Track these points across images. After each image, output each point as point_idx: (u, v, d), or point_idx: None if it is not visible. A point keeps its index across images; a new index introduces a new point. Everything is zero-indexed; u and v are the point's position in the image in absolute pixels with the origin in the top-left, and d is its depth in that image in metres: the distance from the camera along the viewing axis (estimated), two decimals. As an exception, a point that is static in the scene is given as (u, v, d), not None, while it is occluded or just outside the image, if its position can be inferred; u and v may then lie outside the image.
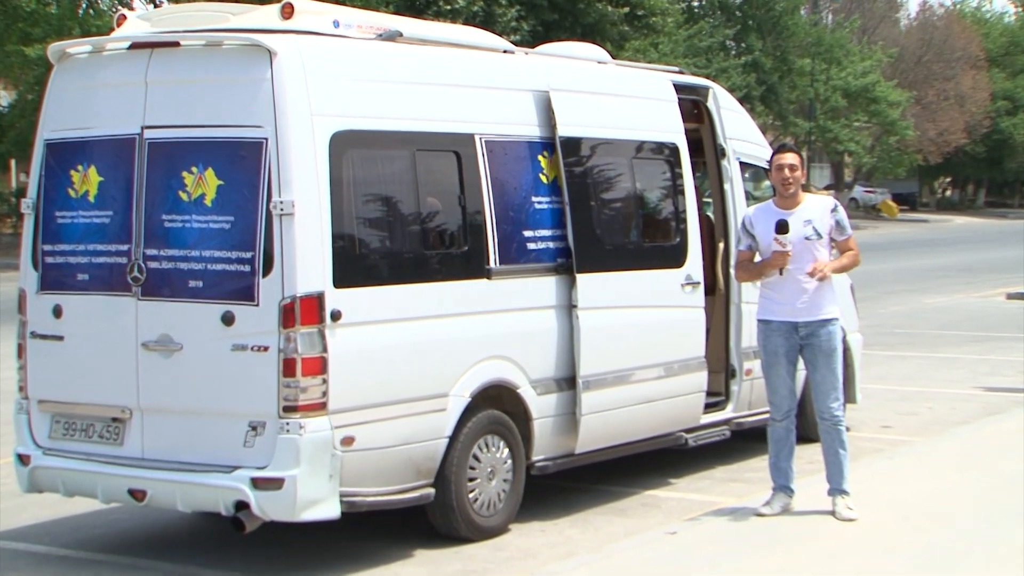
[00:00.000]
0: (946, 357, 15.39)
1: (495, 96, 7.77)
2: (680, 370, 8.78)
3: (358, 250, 6.84)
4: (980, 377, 13.72)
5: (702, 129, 9.62)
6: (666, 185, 9.00)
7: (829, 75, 50.01)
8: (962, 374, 13.99)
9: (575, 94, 8.25)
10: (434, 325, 7.15)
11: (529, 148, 7.91)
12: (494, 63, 7.96)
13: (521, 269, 7.71)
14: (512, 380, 7.61)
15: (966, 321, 19.17)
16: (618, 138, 8.56)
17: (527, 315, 7.74)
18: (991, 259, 32.36)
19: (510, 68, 8.03)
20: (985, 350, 15.96)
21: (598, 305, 8.08)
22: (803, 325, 7.47)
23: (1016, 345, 16.29)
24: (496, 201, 7.58)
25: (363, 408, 6.76)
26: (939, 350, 15.99)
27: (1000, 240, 41.78)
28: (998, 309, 20.83)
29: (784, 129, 49.77)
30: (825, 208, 7.52)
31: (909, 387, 13.15)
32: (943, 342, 16.74)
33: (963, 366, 14.64)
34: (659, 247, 8.89)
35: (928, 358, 15.32)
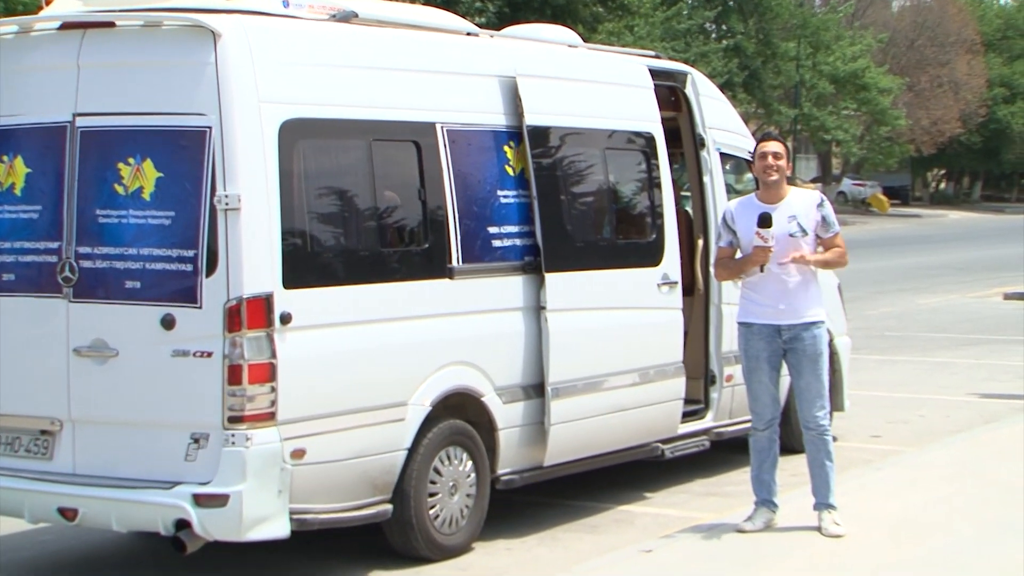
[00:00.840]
0: (939, 361, 15.50)
1: (457, 82, 7.76)
2: (656, 376, 8.81)
3: (310, 248, 6.82)
4: (975, 383, 13.83)
5: (680, 118, 9.65)
6: (641, 178, 9.02)
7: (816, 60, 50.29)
8: (956, 380, 14.10)
9: (544, 80, 8.25)
10: (391, 328, 7.14)
11: (494, 138, 7.91)
12: (457, 47, 7.95)
13: (486, 268, 7.71)
14: (476, 387, 7.61)
15: (961, 323, 19.32)
16: (590, 127, 8.58)
17: (492, 317, 7.74)
18: (987, 257, 32.64)
19: (474, 52, 8.02)
20: (981, 354, 16.09)
21: (568, 307, 8.09)
22: (786, 328, 7.50)
23: (1014, 348, 16.43)
24: (459, 195, 7.57)
25: (315, 418, 6.74)
26: (932, 354, 16.11)
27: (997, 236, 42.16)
28: (995, 310, 21.01)
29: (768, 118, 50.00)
30: (811, 203, 7.56)
31: (900, 394, 13.24)
32: (936, 345, 16.86)
33: (957, 371, 14.76)
34: (634, 244, 8.90)
35: (920, 363, 15.43)
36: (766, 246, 7.36)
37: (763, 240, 7.35)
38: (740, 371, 7.81)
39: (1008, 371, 14.60)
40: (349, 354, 6.92)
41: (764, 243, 7.35)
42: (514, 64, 8.08)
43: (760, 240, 7.36)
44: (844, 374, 10.55)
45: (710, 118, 9.63)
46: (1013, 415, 11.56)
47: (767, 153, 7.50)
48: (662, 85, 9.33)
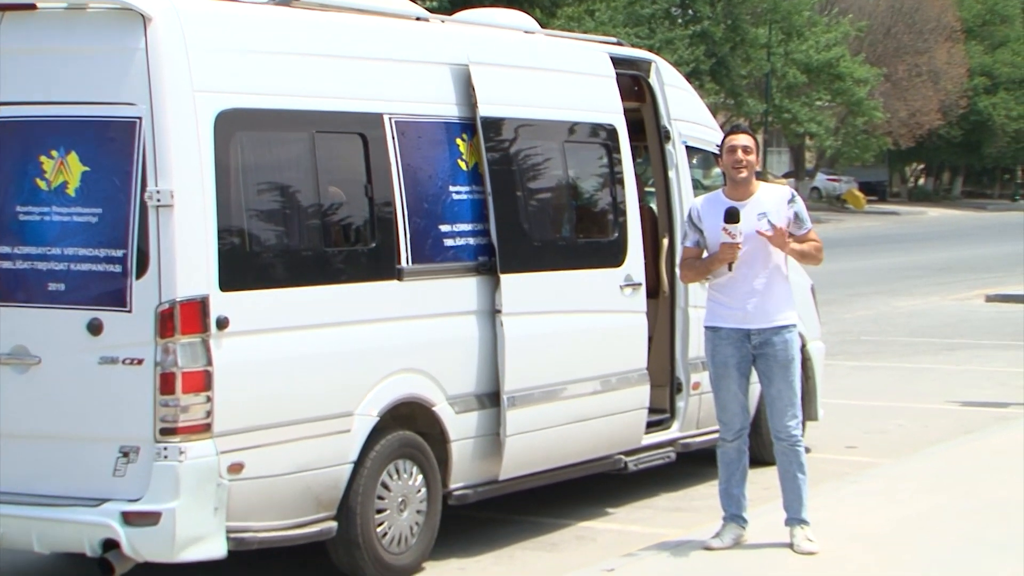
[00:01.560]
0: (918, 368, 15.64)
1: (406, 70, 7.77)
2: (619, 384, 8.84)
3: (248, 248, 6.80)
4: (956, 390, 13.95)
5: (643, 109, 9.69)
6: (603, 172, 9.06)
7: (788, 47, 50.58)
8: (936, 387, 14.23)
9: (498, 68, 8.27)
10: (336, 334, 7.13)
11: (446, 130, 7.91)
12: (405, 32, 7.95)
13: (437, 269, 7.71)
14: (427, 396, 7.61)
15: (941, 327, 19.50)
16: (548, 119, 8.60)
17: (444, 321, 7.74)
18: (969, 256, 32.95)
19: (424, 38, 8.02)
20: (962, 359, 16.25)
21: (525, 310, 8.10)
22: (756, 332, 7.55)
23: (996, 354, 16.59)
24: (408, 191, 7.58)
25: (254, 430, 6.72)
26: (910, 360, 16.24)
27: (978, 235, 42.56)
28: (976, 313, 21.21)
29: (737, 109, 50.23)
30: (781, 198, 7.60)
31: (877, 402, 13.35)
32: (914, 351, 17.01)
33: (937, 378, 14.89)
34: (595, 244, 8.93)
35: (898, 369, 15.56)
36: (734, 243, 7.38)
37: (730, 236, 7.38)
38: (708, 378, 7.85)
39: (990, 377, 14.74)
40: (290, 361, 6.90)
41: (731, 239, 7.38)
42: (467, 51, 8.08)
43: (727, 236, 7.38)
44: (818, 381, 10.62)
45: (676, 109, 9.68)
46: (995, 425, 11.66)
47: (736, 147, 7.54)
48: (625, 74, 9.36)
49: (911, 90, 58.02)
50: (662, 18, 45.71)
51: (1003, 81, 65.33)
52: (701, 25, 46.81)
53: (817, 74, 51.21)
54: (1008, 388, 13.91)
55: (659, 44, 42.92)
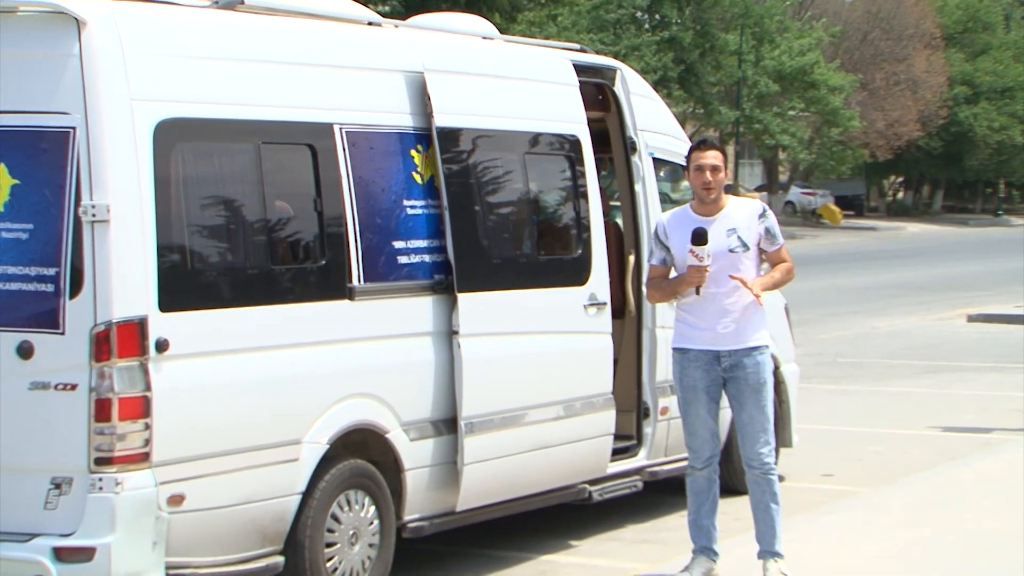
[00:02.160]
0: (898, 391, 15.74)
1: (358, 78, 7.78)
2: (583, 409, 8.86)
3: (190, 265, 6.79)
4: (937, 415, 14.05)
5: (608, 119, 9.74)
6: (565, 186, 9.09)
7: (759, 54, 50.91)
8: (916, 412, 14.32)
9: (455, 76, 8.30)
10: (283, 357, 7.12)
11: (400, 141, 7.93)
12: (357, 38, 7.97)
13: (390, 288, 7.72)
14: (379, 423, 7.61)
15: (921, 348, 19.64)
16: (507, 129, 8.63)
17: (398, 343, 7.75)
18: (950, 274, 33.21)
19: (376, 44, 8.04)
20: (943, 383, 16.36)
21: (484, 331, 8.12)
22: (726, 354, 7.58)
23: (979, 377, 16.72)
24: (360, 205, 7.58)
25: (195, 459, 6.70)
26: (889, 383, 16.34)
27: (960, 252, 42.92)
28: (958, 334, 21.38)
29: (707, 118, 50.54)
30: (752, 213, 7.65)
31: (854, 428, 13.42)
32: (894, 373, 17.12)
33: (917, 402, 14.98)
34: (557, 261, 8.96)
35: (876, 393, 15.66)
36: (701, 266, 7.43)
37: (698, 259, 7.41)
38: (676, 403, 7.88)
39: (973, 402, 14.85)
40: (234, 386, 6.89)
41: (699, 263, 7.42)
42: (422, 58, 8.11)
43: (694, 259, 7.42)
44: (792, 406, 10.68)
45: (642, 119, 9.73)
46: (978, 451, 11.74)
47: (704, 167, 7.57)
48: (588, 82, 9.41)
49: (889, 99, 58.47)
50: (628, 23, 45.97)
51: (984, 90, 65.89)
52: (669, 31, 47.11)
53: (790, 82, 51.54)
54: (992, 413, 14.02)
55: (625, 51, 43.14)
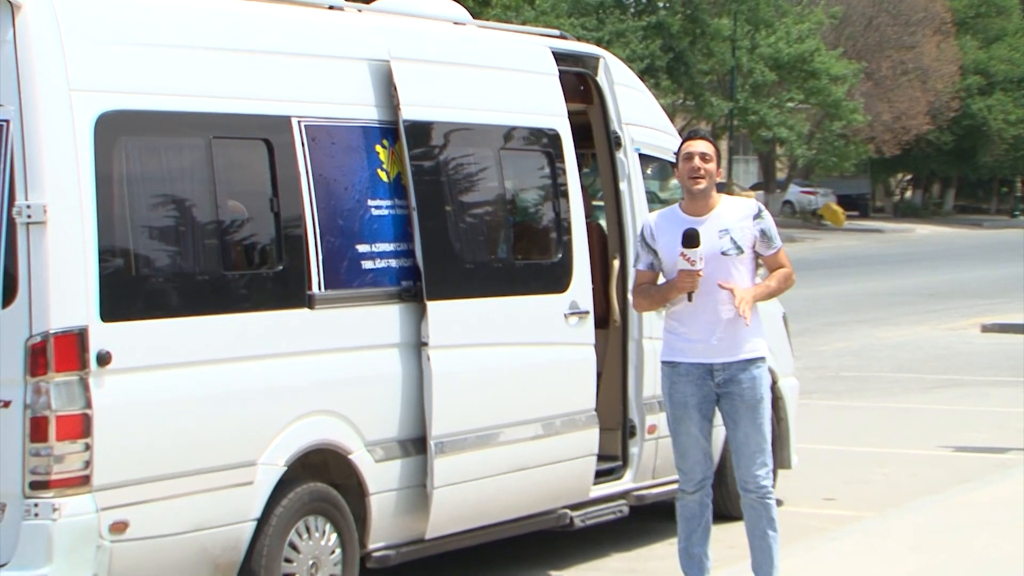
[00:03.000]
0: (906, 408, 15.79)
1: (318, 67, 7.79)
2: (563, 427, 8.88)
3: (135, 271, 6.79)
4: (948, 433, 14.10)
5: (590, 111, 9.77)
6: (544, 184, 9.11)
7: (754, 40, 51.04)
8: (926, 430, 14.37)
9: (424, 64, 8.32)
10: (237, 370, 7.13)
11: (364, 135, 7.95)
12: (316, 23, 7.98)
13: (353, 295, 7.73)
14: (342, 442, 7.62)
15: (931, 361, 19.71)
16: (481, 123, 8.65)
17: (361, 356, 7.76)
18: (962, 280, 33.34)
19: (338, 30, 8.06)
20: (954, 398, 16.42)
21: (455, 342, 8.14)
22: (720, 368, 7.61)
23: (993, 391, 16.78)
24: (320, 205, 7.59)
25: (140, 483, 6.69)
26: (897, 399, 16.40)
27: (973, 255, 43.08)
28: (971, 345, 21.45)
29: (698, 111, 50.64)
30: (746, 213, 7.68)
31: (859, 447, 13.47)
32: (901, 388, 17.17)
33: (927, 419, 15.03)
34: (535, 266, 8.98)
35: (883, 409, 15.71)
36: (693, 270, 7.44)
37: (690, 263, 7.42)
38: (665, 421, 7.91)
39: (986, 419, 14.90)
40: (183, 402, 6.89)
41: (691, 267, 7.43)
42: (387, 45, 8.12)
43: (686, 263, 7.43)
44: (791, 424, 10.71)
45: (627, 112, 9.76)
46: (992, 473, 11.79)
47: (693, 154, 7.61)
48: (569, 71, 9.44)
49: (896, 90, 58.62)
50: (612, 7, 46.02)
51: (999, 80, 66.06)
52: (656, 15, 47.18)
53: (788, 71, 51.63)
54: (1007, 431, 14.08)
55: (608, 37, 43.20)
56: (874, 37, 58.99)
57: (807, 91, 52.23)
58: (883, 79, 58.38)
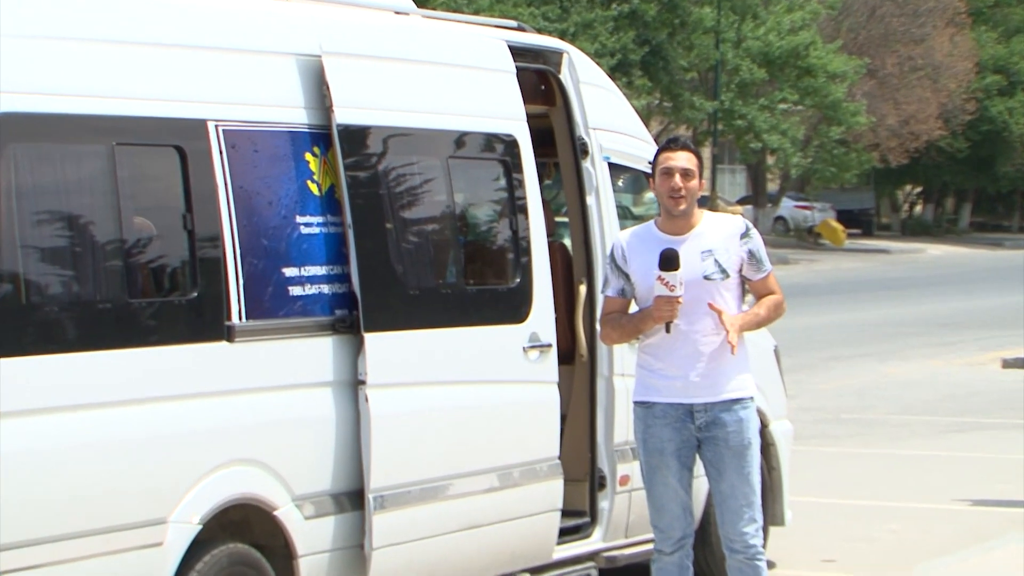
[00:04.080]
0: (916, 455, 15.81)
1: (239, 63, 7.79)
2: (523, 479, 8.89)
3: (23, 299, 6.77)
4: (964, 485, 14.13)
5: (553, 114, 9.79)
6: (500, 198, 9.13)
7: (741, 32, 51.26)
8: (939, 480, 14.40)
9: (361, 60, 8.33)
10: (143, 414, 7.11)
11: (292, 142, 7.95)
12: (237, 13, 7.97)
13: (279, 326, 7.73)
14: (266, 497, 7.60)
15: (945, 400, 19.77)
16: (427, 127, 8.66)
17: (289, 396, 7.76)
18: (980, 308, 33.43)
19: (262, 21, 8.05)
20: (972, 444, 16.45)
21: (397, 380, 8.14)
22: (701, 409, 7.63)
23: (1016, 436, 16.77)
24: (241, 223, 7.59)
25: (28, 545, 6.65)
26: (905, 444, 16.43)
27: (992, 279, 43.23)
28: (990, 383, 21.51)
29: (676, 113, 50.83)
30: (732, 232, 7.71)
31: (862, 500, 13.49)
32: (911, 432, 17.21)
33: (940, 469, 15.06)
34: (490, 292, 9.00)
35: (889, 457, 15.73)
36: (672, 296, 7.46)
37: (668, 288, 7.44)
38: (639, 470, 7.92)
39: (1009, 468, 14.90)
40: (80, 451, 6.86)
41: (670, 292, 7.45)
42: (319, 38, 8.13)
43: (664, 288, 7.45)
44: (784, 473, 10.72)
45: (595, 115, 9.79)
46: (1014, 530, 11.80)
47: (672, 169, 7.62)
48: (528, 68, 9.46)
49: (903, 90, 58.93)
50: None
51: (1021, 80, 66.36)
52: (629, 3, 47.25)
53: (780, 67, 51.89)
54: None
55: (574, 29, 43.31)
56: (878, 29, 59.30)
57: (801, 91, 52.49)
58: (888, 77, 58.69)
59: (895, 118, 58.16)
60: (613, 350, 9.45)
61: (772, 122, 51.71)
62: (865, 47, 57.72)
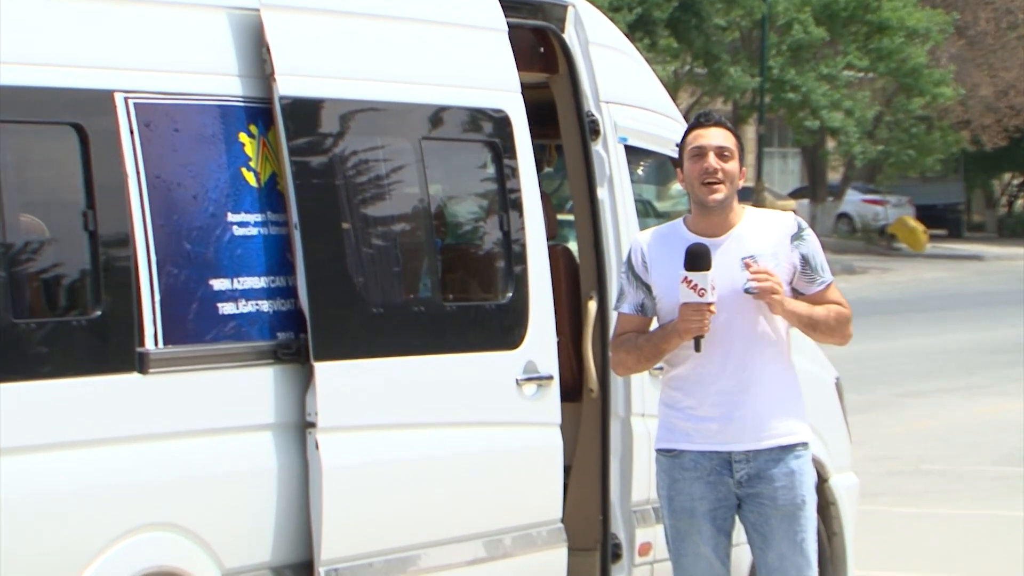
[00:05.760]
0: (1018, 517, 15.78)
1: (154, 18, 7.79)
2: (516, 547, 8.90)
3: None
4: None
5: (554, 84, 9.79)
6: (487, 190, 9.16)
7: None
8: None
9: (310, 16, 8.35)
10: (31, 465, 7.11)
11: (222, 119, 7.96)
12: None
13: (205, 354, 7.74)
14: (188, 571, 7.61)
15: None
16: (394, 100, 8.67)
17: (217, 443, 7.77)
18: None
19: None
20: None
21: (356, 423, 8.15)
22: (742, 458, 7.63)
23: None
24: (158, 222, 7.59)
25: None
26: (1004, 503, 16.39)
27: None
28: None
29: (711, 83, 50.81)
30: (781, 233, 7.72)
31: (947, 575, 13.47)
32: (1010, 488, 17.16)
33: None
34: (475, 310, 9.02)
35: (984, 519, 15.71)
36: (702, 303, 7.46)
37: (696, 292, 7.44)
38: (664, 536, 7.92)
39: None
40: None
41: (699, 297, 7.46)
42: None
43: (691, 292, 7.45)
44: (848, 541, 10.72)
45: (609, 85, 9.79)
46: None
47: (705, 148, 7.62)
48: (524, 26, 9.47)
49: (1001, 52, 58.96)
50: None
51: None
52: (652, -57, 47.30)
53: (844, 23, 51.87)
54: None
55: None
56: (969, -23, 59.36)
57: (872, 54, 52.43)
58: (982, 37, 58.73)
59: (990, 88, 58.21)
60: (631, 383, 9.46)
61: (834, 96, 51.60)
62: (952, 0, 57.76)
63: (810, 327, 7.75)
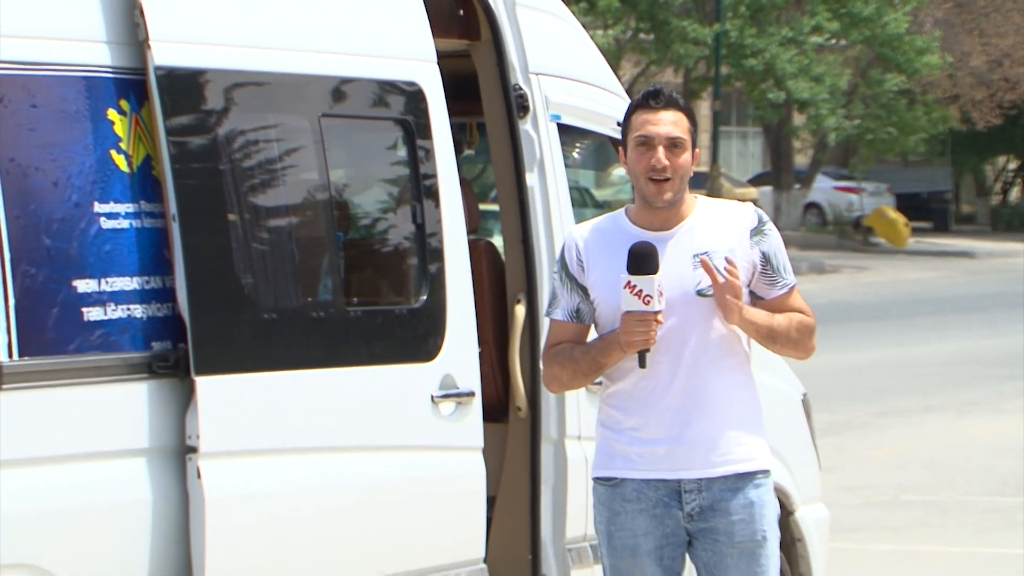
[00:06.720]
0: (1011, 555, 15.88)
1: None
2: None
3: None
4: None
5: (476, 53, 9.82)
6: (397, 176, 9.21)
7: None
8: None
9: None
10: None
11: (87, 93, 7.97)
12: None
13: (68, 367, 7.74)
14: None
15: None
16: (289, 72, 8.69)
17: (81, 470, 7.77)
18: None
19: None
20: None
21: (244, 447, 8.18)
22: (693, 487, 7.66)
23: None
24: (12, 213, 7.61)
25: None
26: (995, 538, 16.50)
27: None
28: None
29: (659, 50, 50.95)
30: (738, 226, 7.74)
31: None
32: (1005, 521, 17.29)
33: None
34: (382, 315, 9.05)
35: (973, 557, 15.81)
36: (648, 311, 7.47)
37: (641, 299, 7.46)
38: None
39: None
40: None
41: (644, 306, 7.48)
42: (128, -62, 8.14)
43: (634, 299, 7.47)
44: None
45: (539, 54, 9.82)
46: None
47: (653, 139, 7.63)
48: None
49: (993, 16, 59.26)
50: None
51: None
52: None
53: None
54: None
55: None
56: (956, -67, 59.72)
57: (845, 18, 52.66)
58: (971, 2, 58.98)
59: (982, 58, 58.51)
60: (564, 400, 9.48)
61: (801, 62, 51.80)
62: (937, -42, 58.16)
63: (769, 339, 7.76)
